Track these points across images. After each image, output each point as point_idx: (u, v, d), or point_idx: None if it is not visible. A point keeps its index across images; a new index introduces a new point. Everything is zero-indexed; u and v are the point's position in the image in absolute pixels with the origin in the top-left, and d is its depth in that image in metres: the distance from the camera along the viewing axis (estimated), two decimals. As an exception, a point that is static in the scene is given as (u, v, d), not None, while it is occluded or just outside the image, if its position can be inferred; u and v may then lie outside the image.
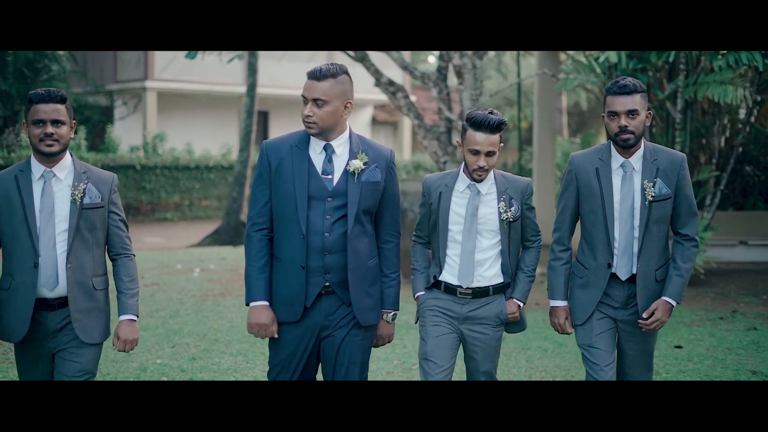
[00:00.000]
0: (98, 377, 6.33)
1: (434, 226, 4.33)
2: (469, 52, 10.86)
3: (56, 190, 4.06)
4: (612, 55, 9.66)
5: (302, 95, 4.04)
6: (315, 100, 4.01)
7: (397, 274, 4.20)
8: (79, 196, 4.04)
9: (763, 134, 14.56)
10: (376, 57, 14.96)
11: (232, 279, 11.52)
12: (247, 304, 4.08)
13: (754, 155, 14.57)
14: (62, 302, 4.05)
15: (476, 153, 4.18)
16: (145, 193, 22.97)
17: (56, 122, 4.02)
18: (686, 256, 4.31)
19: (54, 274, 4.02)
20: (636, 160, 4.26)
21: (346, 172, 4.05)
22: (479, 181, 4.23)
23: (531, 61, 26.55)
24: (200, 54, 20.90)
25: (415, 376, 6.51)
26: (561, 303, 4.42)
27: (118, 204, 4.21)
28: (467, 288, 4.25)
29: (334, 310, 4.05)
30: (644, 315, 4.24)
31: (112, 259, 4.24)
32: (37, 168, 4.08)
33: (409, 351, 7.20)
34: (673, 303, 4.28)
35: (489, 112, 4.17)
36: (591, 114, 31.71)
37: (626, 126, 4.18)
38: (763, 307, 9.00)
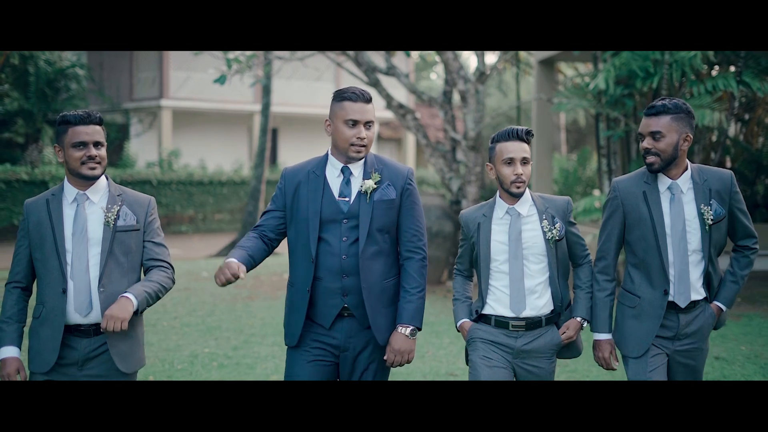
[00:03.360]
0: (155, 363, 7.40)
1: (476, 259, 4.17)
2: (473, 78, 11.96)
3: (89, 213, 3.94)
4: (601, 82, 10.73)
5: (353, 119, 3.95)
6: (367, 123, 4.00)
7: (421, 291, 4.03)
8: (113, 218, 3.92)
9: (749, 151, 15.60)
10: (384, 79, 16.09)
11: (256, 285, 12.57)
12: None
13: (741, 171, 15.59)
14: (98, 329, 3.90)
15: (511, 162, 4.05)
16: (161, 207, 23.85)
17: (97, 144, 3.92)
18: (743, 264, 4.19)
19: (88, 299, 3.86)
20: (684, 181, 4.08)
21: (359, 192, 4.01)
22: (518, 195, 4.06)
23: (530, 80, 27.64)
24: (212, 74, 22.01)
25: (427, 371, 7.55)
26: (606, 336, 4.18)
27: (155, 227, 4.06)
28: (520, 319, 4.06)
29: (355, 333, 3.99)
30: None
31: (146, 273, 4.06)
32: (70, 191, 3.96)
33: (420, 342, 8.26)
34: (723, 308, 4.14)
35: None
36: (588, 131, 32.77)
37: (649, 148, 4.03)
38: (736, 308, 10.04)
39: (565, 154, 27.27)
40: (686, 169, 4.09)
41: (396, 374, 6.98)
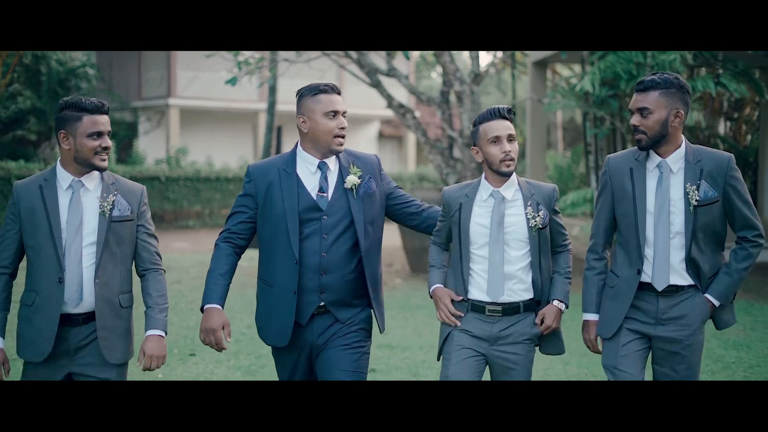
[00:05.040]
0: (177, 339, 8.18)
1: (457, 240, 4.00)
2: (468, 80, 12.73)
3: (84, 201, 3.84)
4: (587, 84, 11.51)
5: (333, 110, 3.95)
6: (343, 113, 3.99)
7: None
8: (108, 208, 3.83)
9: (736, 148, 16.38)
10: (385, 80, 16.85)
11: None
12: (202, 310, 3.95)
13: (731, 167, 16.34)
14: (87, 317, 3.84)
15: (497, 140, 3.88)
16: (169, 203, 24.51)
17: (109, 134, 3.85)
18: (740, 256, 3.89)
19: (78, 289, 3.79)
20: (675, 160, 3.85)
21: (341, 189, 3.98)
22: (508, 174, 3.91)
23: (526, 79, 28.36)
24: (218, 73, 22.76)
25: (423, 344, 8.33)
26: (593, 316, 4.00)
27: (147, 217, 3.99)
28: (497, 304, 3.91)
29: (326, 329, 3.97)
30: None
31: (140, 275, 4.01)
32: (64, 177, 3.84)
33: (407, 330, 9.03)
34: (715, 302, 3.85)
35: None
36: (585, 129, 33.47)
37: (636, 125, 3.84)
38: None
39: (561, 152, 28.01)
40: (679, 147, 3.87)
41: (396, 349, 7.78)
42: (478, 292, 3.94)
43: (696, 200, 3.80)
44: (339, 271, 3.95)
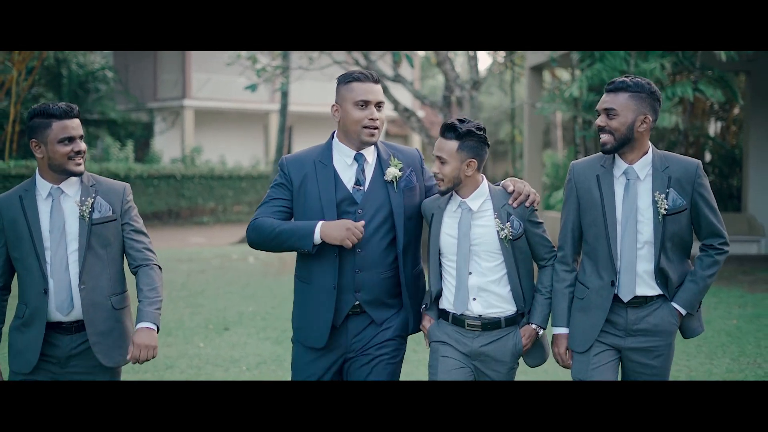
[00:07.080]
0: (210, 319, 9.34)
1: (429, 250, 3.90)
2: (467, 86, 13.87)
3: (65, 207, 3.77)
4: (575, 90, 12.62)
5: (363, 99, 3.73)
6: (377, 104, 3.78)
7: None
8: (87, 211, 3.75)
9: (724, 148, 17.44)
10: (391, 84, 17.87)
11: (284, 264, 14.52)
12: (310, 250, 3.69)
13: (719, 165, 17.40)
14: (79, 326, 3.76)
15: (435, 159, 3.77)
16: (184, 200, 25.56)
17: (81, 138, 3.73)
18: (705, 263, 3.80)
19: (68, 297, 3.73)
20: (641, 167, 3.75)
21: (379, 181, 3.82)
22: (441, 192, 3.80)
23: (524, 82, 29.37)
24: (231, 75, 23.82)
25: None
26: (563, 330, 3.88)
27: (132, 214, 3.87)
28: (476, 318, 3.79)
29: (361, 331, 3.81)
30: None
31: (132, 272, 3.89)
32: (43, 186, 3.77)
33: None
34: (682, 311, 3.77)
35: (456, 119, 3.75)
36: (584, 128, 34.37)
37: (602, 126, 3.72)
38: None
39: (560, 151, 29.02)
40: (646, 153, 3.77)
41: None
42: (447, 303, 3.86)
43: (665, 209, 3.71)
44: (375, 269, 3.78)
